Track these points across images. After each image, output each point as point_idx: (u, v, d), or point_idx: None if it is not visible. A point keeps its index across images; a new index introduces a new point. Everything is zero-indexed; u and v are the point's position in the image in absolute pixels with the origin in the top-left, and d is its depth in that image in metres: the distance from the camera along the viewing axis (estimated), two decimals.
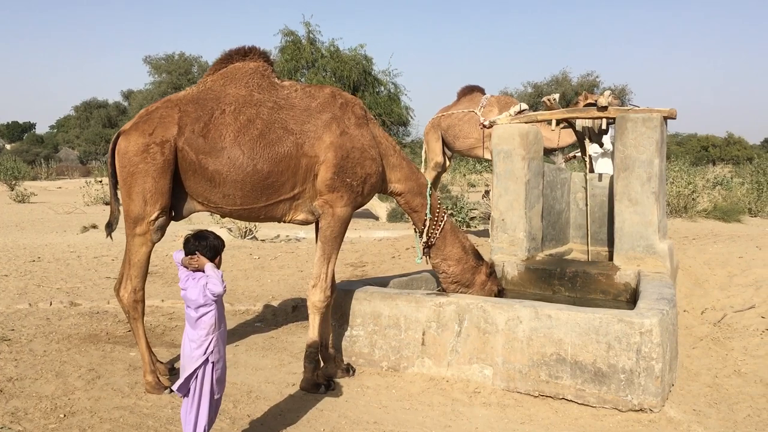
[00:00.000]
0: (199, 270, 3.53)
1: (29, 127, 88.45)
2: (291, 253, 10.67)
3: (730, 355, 5.94)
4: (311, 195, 4.93)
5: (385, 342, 5.29)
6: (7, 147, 69.33)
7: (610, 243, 7.09)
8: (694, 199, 16.00)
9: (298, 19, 43.35)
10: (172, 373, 4.91)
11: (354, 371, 5.21)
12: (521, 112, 9.55)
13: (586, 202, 8.04)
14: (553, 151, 11.32)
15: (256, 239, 12.75)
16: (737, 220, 15.73)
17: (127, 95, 56.50)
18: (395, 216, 16.97)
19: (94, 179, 24.53)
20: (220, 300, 3.56)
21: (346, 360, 5.38)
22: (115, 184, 4.90)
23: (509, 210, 7.05)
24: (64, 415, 4.11)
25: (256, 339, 6.05)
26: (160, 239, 4.84)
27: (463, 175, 35.62)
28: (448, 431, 4.26)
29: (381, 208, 17.65)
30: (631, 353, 4.44)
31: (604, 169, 10.33)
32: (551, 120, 7.48)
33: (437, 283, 6.01)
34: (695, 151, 53.20)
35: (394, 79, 21.72)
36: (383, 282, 5.99)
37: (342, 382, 4.98)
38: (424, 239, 5.52)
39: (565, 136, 10.20)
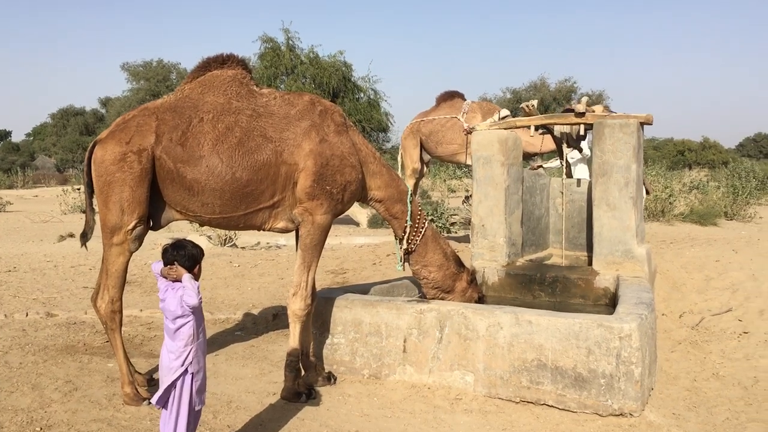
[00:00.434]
0: (177, 280, 3.50)
1: (5, 134, 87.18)
2: (271, 261, 10.61)
3: (708, 359, 6.00)
4: (291, 203, 4.91)
5: (366, 350, 5.27)
6: None
7: (589, 248, 7.14)
8: (671, 203, 16.18)
9: (277, 26, 43.30)
10: (151, 384, 4.85)
11: (335, 379, 5.19)
12: (504, 118, 9.60)
13: (563, 208, 8.09)
14: (533, 156, 11.39)
15: (236, 247, 12.67)
16: (713, 223, 15.92)
17: (105, 102, 56.04)
18: (376, 222, 16.94)
19: (72, 187, 24.28)
20: (199, 310, 3.52)
21: (327, 368, 5.35)
22: (90, 194, 4.84)
23: (489, 216, 7.08)
24: (41, 429, 4.04)
25: (237, 348, 6.00)
26: (138, 249, 4.79)
27: (443, 180, 35.68)
28: None
29: (361, 215, 17.63)
30: (610, 358, 4.47)
31: (582, 175, 10.40)
32: (530, 126, 7.54)
33: (418, 289, 6.00)
34: (672, 156, 53.78)
35: (373, 85, 21.81)
36: (364, 289, 5.98)
37: (323, 391, 4.95)
38: (405, 246, 5.51)
39: (548, 141, 10.27)
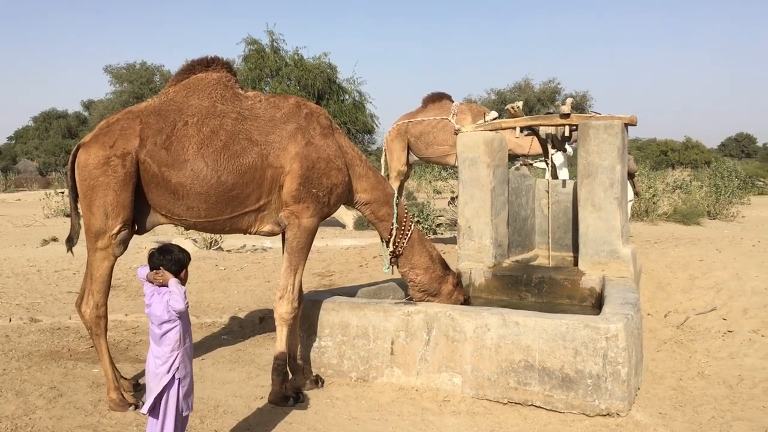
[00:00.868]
0: (163, 285, 3.47)
1: None
2: (257, 264, 10.57)
3: (693, 358, 6.05)
4: (277, 206, 4.89)
5: (353, 352, 5.26)
6: None
7: (575, 248, 7.18)
8: (655, 202, 16.31)
9: (261, 28, 43.17)
10: (137, 389, 4.81)
11: (323, 382, 5.17)
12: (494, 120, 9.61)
13: (549, 209, 8.13)
14: (518, 157, 11.39)
15: (222, 250, 12.62)
16: (697, 222, 16.08)
17: (88, 105, 55.59)
18: (362, 224, 16.93)
19: (54, 191, 24.02)
20: (186, 315, 3.50)
21: (314, 371, 5.34)
22: (75, 198, 4.80)
23: (475, 217, 7.09)
24: None
25: (223, 352, 5.96)
26: (123, 253, 4.75)
27: (429, 182, 35.77)
28: None
29: (348, 217, 17.61)
30: (597, 358, 4.49)
31: (567, 176, 10.43)
32: (516, 127, 7.57)
33: (405, 292, 6.00)
34: (655, 156, 54.13)
35: (358, 87, 21.78)
36: (351, 292, 5.97)
37: (311, 394, 4.94)
38: (391, 248, 5.50)
39: (537, 143, 10.28)
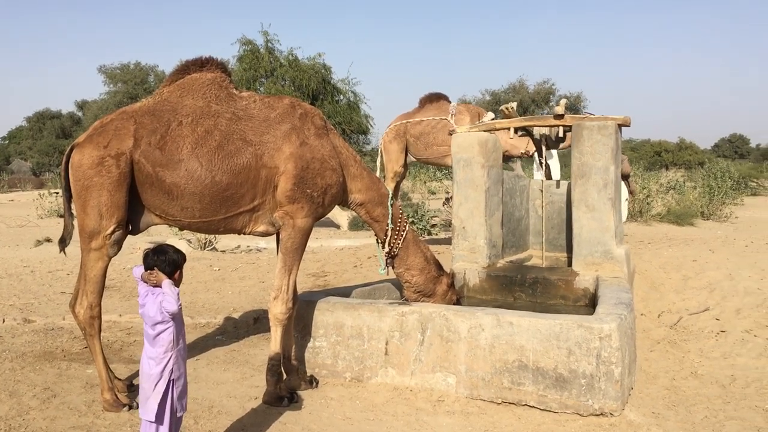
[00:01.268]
0: (157, 286, 3.47)
1: None
2: (252, 264, 10.57)
3: (686, 357, 6.07)
4: (271, 206, 4.89)
5: (348, 352, 5.26)
6: None
7: (569, 249, 7.20)
8: (648, 203, 16.36)
9: (256, 28, 43.14)
10: (131, 390, 4.81)
11: (317, 383, 5.18)
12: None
13: (543, 209, 8.15)
14: (511, 158, 11.39)
15: (216, 250, 12.60)
16: (690, 223, 16.13)
17: (82, 105, 55.50)
18: (357, 225, 16.95)
19: (48, 191, 23.94)
20: (179, 316, 3.50)
21: (309, 372, 5.34)
22: (68, 198, 4.79)
23: (470, 218, 7.11)
24: None
25: (218, 352, 5.96)
26: (117, 253, 4.75)
27: (424, 182, 35.80)
28: None
29: (342, 217, 17.62)
30: (591, 358, 4.50)
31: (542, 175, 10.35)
32: (510, 128, 7.58)
33: (400, 292, 6.01)
34: (649, 156, 54.35)
35: (353, 87, 21.77)
36: (345, 292, 5.97)
37: (305, 395, 4.94)
38: (387, 249, 5.51)
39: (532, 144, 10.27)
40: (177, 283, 3.53)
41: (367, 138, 22.85)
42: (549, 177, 9.02)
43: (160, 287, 3.45)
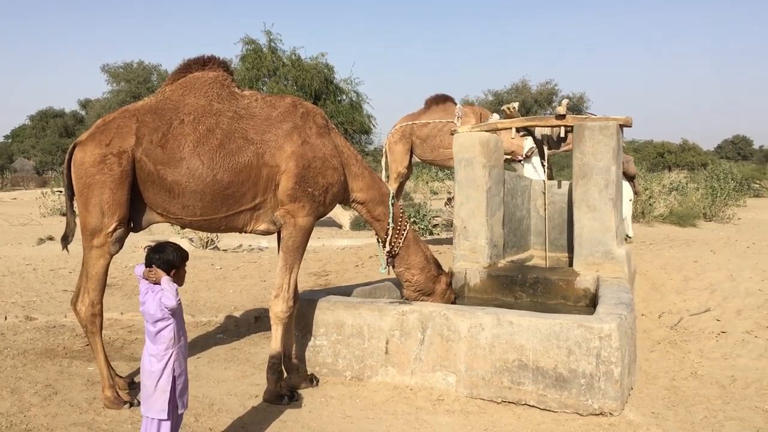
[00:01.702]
0: (157, 283, 3.48)
1: None
2: (253, 263, 10.59)
3: (686, 358, 6.08)
4: (273, 205, 4.90)
5: (348, 351, 5.27)
6: None
7: (570, 249, 7.20)
8: (651, 204, 16.35)
9: (259, 28, 43.19)
10: (132, 387, 4.82)
11: (317, 381, 5.19)
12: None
13: (544, 209, 8.16)
14: (518, 161, 11.34)
15: (218, 249, 12.62)
16: (692, 224, 16.13)
17: (85, 104, 55.58)
18: (358, 224, 16.96)
19: (51, 190, 23.99)
20: (179, 313, 3.51)
21: (309, 370, 5.35)
22: (71, 196, 4.81)
23: (471, 217, 7.11)
24: None
25: (219, 350, 5.98)
26: (119, 251, 4.76)
27: (426, 182, 35.82)
28: None
29: (344, 217, 17.63)
30: (591, 358, 4.51)
31: (530, 174, 10.32)
32: (512, 128, 7.59)
33: (400, 291, 6.02)
34: (651, 158, 54.27)
35: (355, 87, 21.78)
36: (346, 291, 5.98)
37: (305, 393, 4.95)
38: (388, 248, 5.53)
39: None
40: (180, 281, 3.55)
41: (370, 138, 22.88)
42: (551, 177, 9.02)
43: (160, 284, 3.47)
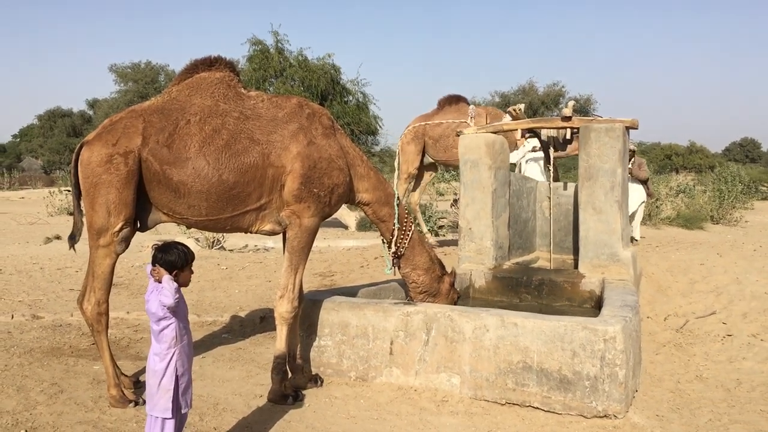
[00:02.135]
0: (160, 281, 3.49)
1: None
2: (259, 263, 10.60)
3: (692, 361, 6.06)
4: (278, 205, 4.91)
5: (353, 352, 5.28)
6: None
7: (576, 251, 7.19)
8: (657, 206, 16.30)
9: (266, 28, 43.22)
10: (137, 386, 4.84)
11: (322, 382, 5.20)
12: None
13: (550, 211, 8.15)
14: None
15: (224, 249, 12.65)
16: (699, 227, 16.06)
17: (92, 104, 55.74)
18: (364, 225, 16.96)
19: (58, 189, 24.10)
20: (183, 313, 3.53)
21: (314, 370, 5.36)
22: (78, 195, 4.83)
23: (476, 219, 7.11)
24: (26, 431, 4.03)
25: (224, 350, 5.99)
26: (125, 251, 4.78)
27: (432, 183, 35.78)
28: None
29: (350, 218, 17.64)
30: (595, 360, 4.50)
31: (534, 174, 10.28)
32: (518, 129, 7.59)
33: (405, 292, 6.03)
34: (659, 160, 54.11)
35: (362, 88, 21.76)
36: (351, 292, 5.99)
37: (310, 393, 4.96)
38: (393, 249, 5.53)
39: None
40: (184, 282, 3.55)
41: (376, 139, 22.82)
42: (557, 179, 9.01)
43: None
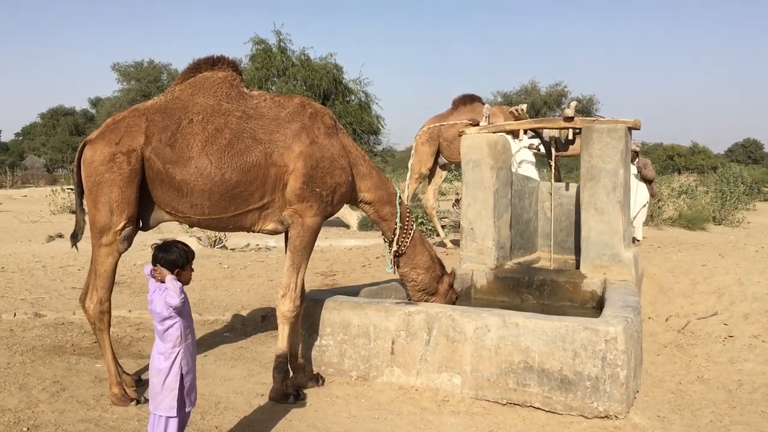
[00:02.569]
0: (162, 281, 3.50)
1: None
2: (261, 263, 10.62)
3: (693, 362, 6.06)
4: (280, 205, 4.92)
5: (354, 351, 5.29)
6: None
7: (578, 251, 7.19)
8: (659, 207, 16.28)
9: (269, 28, 43.24)
10: (139, 384, 4.85)
11: (323, 381, 5.21)
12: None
13: (551, 211, 8.15)
14: None
15: (226, 248, 12.66)
16: (702, 228, 16.05)
17: (95, 103, 55.73)
18: (366, 225, 16.97)
19: (61, 187, 24.13)
20: (186, 311, 3.53)
21: (315, 370, 5.37)
22: (80, 194, 4.84)
23: (478, 219, 7.11)
24: (28, 429, 4.04)
25: (225, 349, 6.00)
26: (127, 249, 4.79)
27: None
28: None
29: (352, 217, 17.65)
30: (596, 360, 4.51)
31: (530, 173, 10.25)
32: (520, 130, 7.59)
33: (407, 292, 6.03)
34: (661, 160, 53.98)
35: (364, 87, 21.78)
36: (353, 291, 6.00)
37: (311, 392, 4.97)
38: (395, 248, 5.53)
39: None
40: (185, 280, 3.56)
41: (378, 138, 22.86)
42: (559, 179, 9.01)
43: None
